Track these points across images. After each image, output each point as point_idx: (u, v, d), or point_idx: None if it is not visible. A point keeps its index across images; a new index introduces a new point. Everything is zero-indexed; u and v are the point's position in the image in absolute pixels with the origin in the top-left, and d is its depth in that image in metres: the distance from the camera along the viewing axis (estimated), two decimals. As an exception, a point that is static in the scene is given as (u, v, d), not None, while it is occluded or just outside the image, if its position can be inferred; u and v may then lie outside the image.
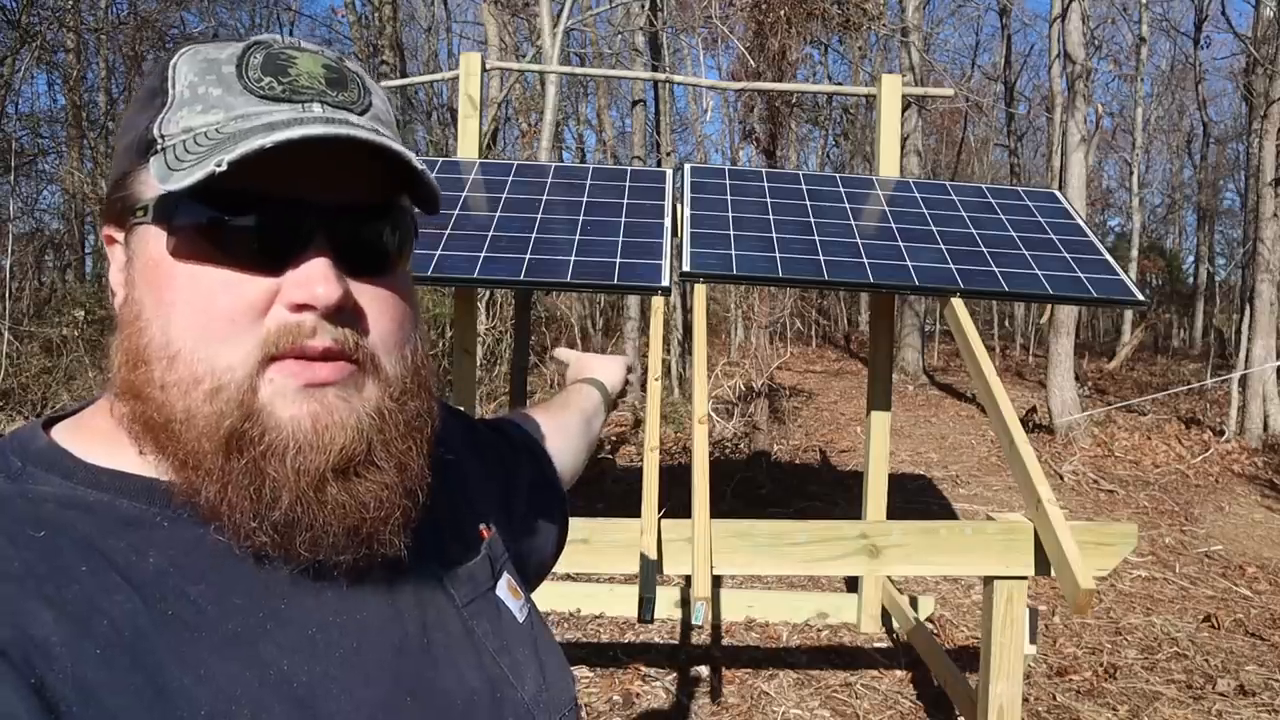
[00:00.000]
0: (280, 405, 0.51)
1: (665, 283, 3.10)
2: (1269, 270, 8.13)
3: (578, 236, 3.33)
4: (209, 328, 0.50)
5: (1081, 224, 3.60)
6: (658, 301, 3.17)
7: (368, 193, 0.55)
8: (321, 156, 0.51)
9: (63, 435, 0.55)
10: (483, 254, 3.16)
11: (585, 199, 3.64)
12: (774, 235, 3.34)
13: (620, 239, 3.34)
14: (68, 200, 11.52)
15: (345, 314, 0.53)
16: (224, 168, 0.47)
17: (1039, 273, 3.21)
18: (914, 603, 4.09)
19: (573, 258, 3.19)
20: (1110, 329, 24.06)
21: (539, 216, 3.46)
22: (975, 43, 24.95)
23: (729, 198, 3.62)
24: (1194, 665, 3.75)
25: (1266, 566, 5.07)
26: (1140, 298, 3.22)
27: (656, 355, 3.06)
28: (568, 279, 3.11)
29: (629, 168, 4.46)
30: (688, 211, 3.49)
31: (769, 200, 3.62)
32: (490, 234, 3.29)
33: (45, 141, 10.86)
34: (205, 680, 0.47)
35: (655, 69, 11.16)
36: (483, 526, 0.71)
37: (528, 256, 3.17)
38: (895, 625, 3.91)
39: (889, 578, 4.02)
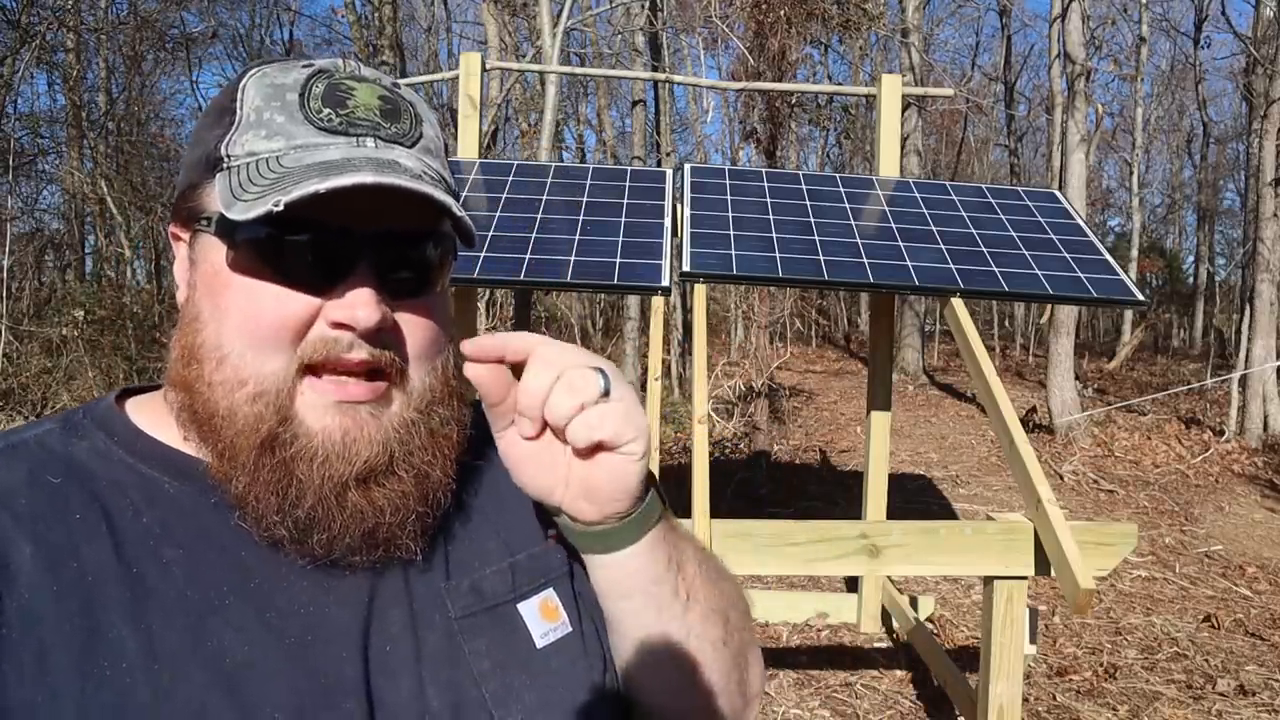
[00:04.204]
0: (312, 416, 0.56)
1: (665, 283, 3.09)
2: (1269, 270, 8.13)
3: (578, 236, 3.33)
4: (256, 336, 0.55)
5: (1081, 224, 3.60)
6: (658, 301, 3.16)
7: (415, 220, 0.58)
8: (371, 189, 0.54)
9: (132, 404, 0.63)
10: (482, 254, 3.16)
11: (585, 199, 3.64)
12: (774, 235, 3.34)
13: (620, 239, 3.33)
14: (68, 200, 11.52)
15: (383, 333, 0.57)
16: (280, 208, 0.52)
17: (1039, 273, 3.21)
18: (914, 603, 4.09)
19: (573, 258, 3.19)
20: (1110, 329, 24.06)
21: (539, 216, 3.46)
22: (975, 43, 24.94)
23: (729, 198, 3.62)
24: (1194, 665, 3.74)
25: (1266, 566, 5.07)
26: (1140, 298, 3.21)
27: (656, 355, 3.07)
28: (568, 279, 3.11)
29: (629, 168, 4.46)
30: (688, 211, 3.48)
31: (769, 200, 3.62)
32: (490, 234, 3.29)
33: (45, 141, 10.86)
34: (141, 636, 0.51)
35: (655, 69, 11.17)
36: (550, 534, 0.66)
37: (528, 256, 3.17)
38: (895, 625, 3.91)
39: (889, 578, 4.02)
